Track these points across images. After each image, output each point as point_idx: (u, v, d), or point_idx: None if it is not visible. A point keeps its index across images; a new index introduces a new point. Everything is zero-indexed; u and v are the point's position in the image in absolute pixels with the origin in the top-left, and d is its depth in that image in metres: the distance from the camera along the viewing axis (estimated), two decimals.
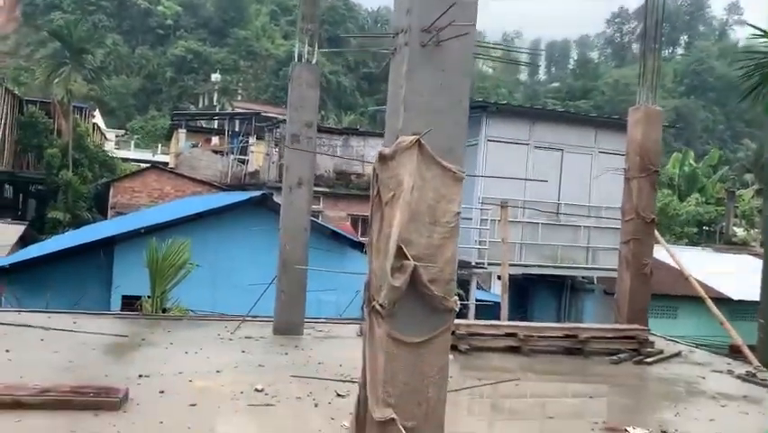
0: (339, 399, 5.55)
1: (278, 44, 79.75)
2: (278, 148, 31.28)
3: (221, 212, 12.88)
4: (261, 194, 13.39)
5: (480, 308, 13.42)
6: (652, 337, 8.91)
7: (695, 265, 12.84)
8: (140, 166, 37.77)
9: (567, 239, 14.22)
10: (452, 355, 6.22)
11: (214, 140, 40.86)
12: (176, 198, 29.85)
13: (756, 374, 7.77)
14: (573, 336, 8.44)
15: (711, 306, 9.44)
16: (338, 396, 5.62)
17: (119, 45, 74.34)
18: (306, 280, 8.39)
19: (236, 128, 38.02)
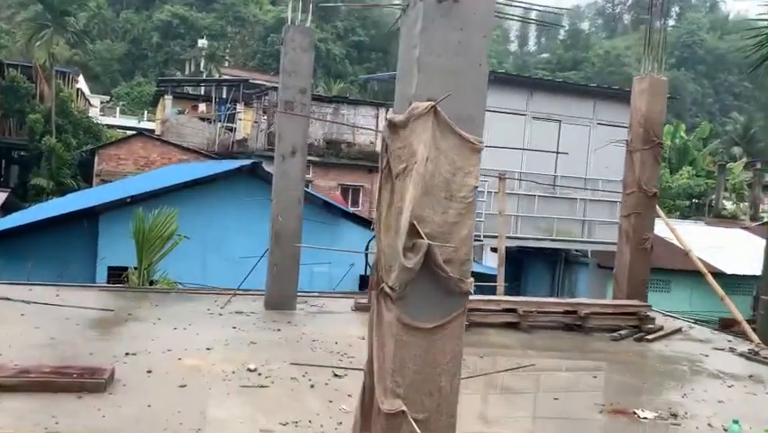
0: (336, 379, 5.31)
1: (266, 10, 78.10)
2: (266, 116, 30.72)
3: (210, 181, 12.46)
4: (252, 162, 12.99)
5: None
6: (651, 313, 8.74)
7: (688, 239, 12.67)
8: (125, 133, 37.04)
9: (563, 212, 13.99)
10: None
11: (202, 107, 40.03)
12: (162, 165, 29.32)
13: (759, 352, 7.63)
14: (573, 311, 8.25)
15: (711, 281, 9.27)
16: (335, 376, 5.37)
17: (103, 9, 72.40)
18: (300, 252, 8.10)
19: (224, 95, 37.29)
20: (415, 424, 3.04)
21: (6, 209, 21.61)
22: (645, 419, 4.97)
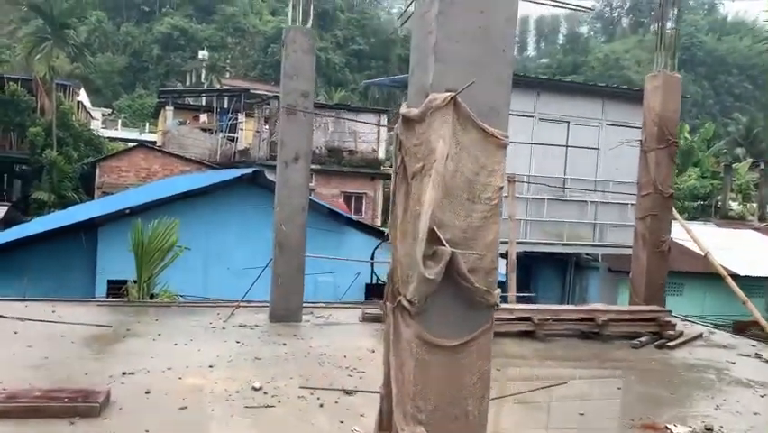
0: (347, 397, 4.98)
1: (266, 20, 78.22)
2: (267, 125, 30.51)
3: (211, 191, 12.17)
4: (253, 171, 12.70)
5: None
6: (670, 318, 8.40)
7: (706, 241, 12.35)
8: (127, 145, 36.84)
9: (573, 215, 13.65)
10: None
11: (203, 117, 39.85)
12: (164, 177, 29.13)
13: None
14: (590, 318, 7.92)
15: (732, 284, 8.94)
16: (346, 394, 5.05)
17: (103, 22, 72.58)
18: (305, 262, 7.79)
19: (225, 105, 37.10)
20: None
21: (7, 223, 21.39)
22: None
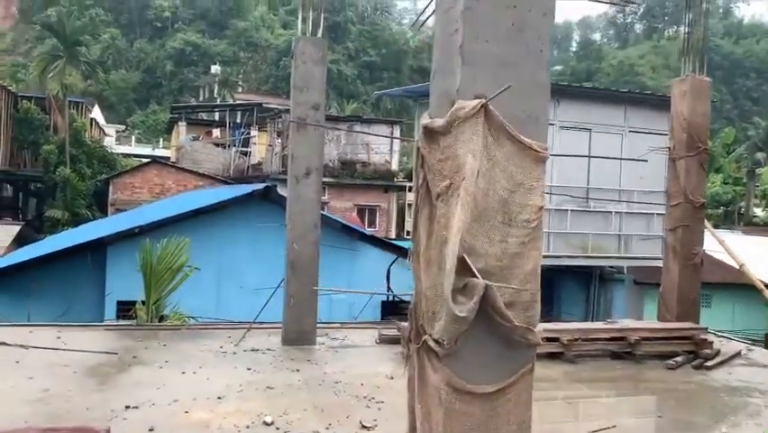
0: (364, 432, 4.60)
1: (277, 34, 78.52)
2: (280, 139, 30.35)
3: (221, 207, 11.88)
4: (265, 186, 12.41)
5: None
6: (706, 335, 7.92)
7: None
8: (140, 161, 36.87)
9: (598, 226, 13.18)
10: None
11: (216, 132, 39.88)
12: (178, 192, 29.03)
13: None
14: (621, 337, 7.47)
15: None
16: (363, 428, 4.67)
17: (117, 39, 73.26)
18: (318, 282, 7.42)
19: (237, 120, 37.07)
20: None
21: (21, 242, 21.29)
22: None
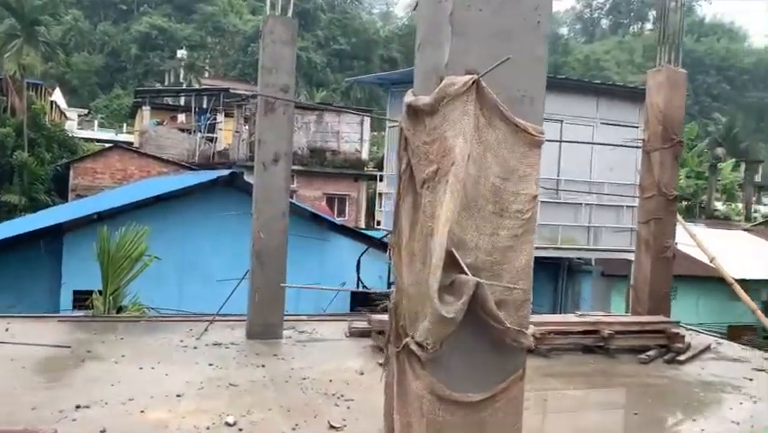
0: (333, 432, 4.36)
1: (246, 20, 77.18)
2: (247, 125, 29.78)
3: (185, 194, 11.45)
4: (230, 173, 12.01)
5: None
6: (677, 329, 7.87)
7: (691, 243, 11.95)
8: (103, 146, 35.84)
9: (567, 218, 13.11)
10: None
11: (181, 117, 39.00)
12: (141, 178, 28.31)
13: None
14: (594, 331, 7.35)
15: (741, 293, 8.43)
16: (332, 428, 4.43)
17: (79, 21, 71.06)
18: (285, 274, 7.13)
19: (203, 105, 36.30)
20: None
21: None
22: None
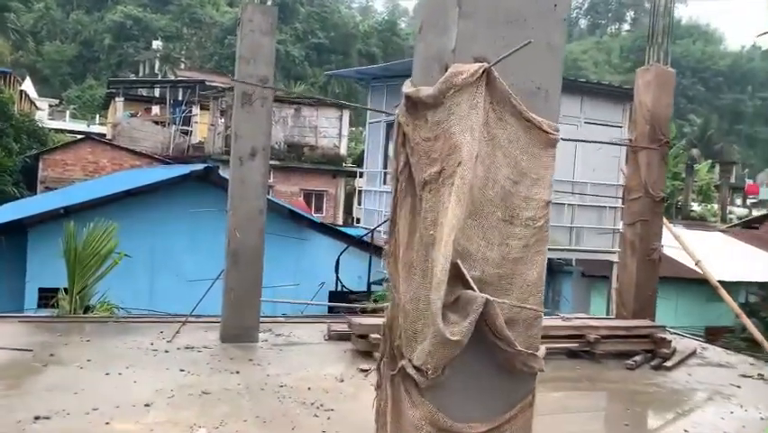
0: None
1: (223, 11, 76.28)
2: (223, 118, 29.27)
3: (156, 189, 11.03)
4: (205, 167, 11.62)
5: None
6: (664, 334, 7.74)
7: (671, 243, 11.94)
8: (75, 137, 35.00)
9: (550, 219, 12.93)
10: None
11: (155, 109, 38.26)
12: (113, 171, 27.69)
13: None
14: (580, 335, 7.18)
15: (726, 296, 8.38)
16: None
17: (51, 9, 69.46)
18: (262, 274, 6.83)
19: (179, 97, 35.62)
20: None
21: None
22: None
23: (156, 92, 40.08)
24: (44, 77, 64.40)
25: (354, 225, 21.10)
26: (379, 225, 13.49)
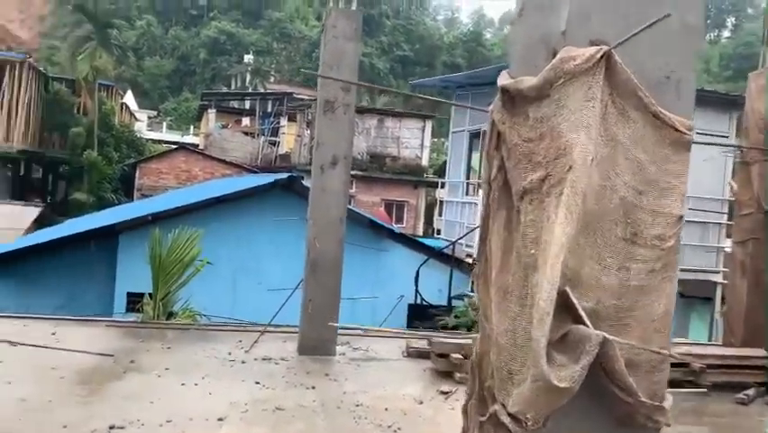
0: None
1: (311, 26, 78.16)
2: (309, 129, 29.75)
3: (241, 197, 11.15)
4: (288, 176, 11.65)
5: None
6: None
7: None
8: (170, 147, 36.67)
9: None
10: None
11: (245, 121, 39.57)
12: (204, 180, 28.71)
13: None
14: (684, 364, 6.54)
15: None
16: None
17: (153, 26, 73.54)
18: (341, 285, 6.64)
19: (268, 109, 36.67)
20: None
21: (41, 224, 20.97)
22: None
23: (246, 104, 41.42)
24: (144, 90, 68.15)
25: (435, 236, 20.79)
26: (460, 238, 13.12)
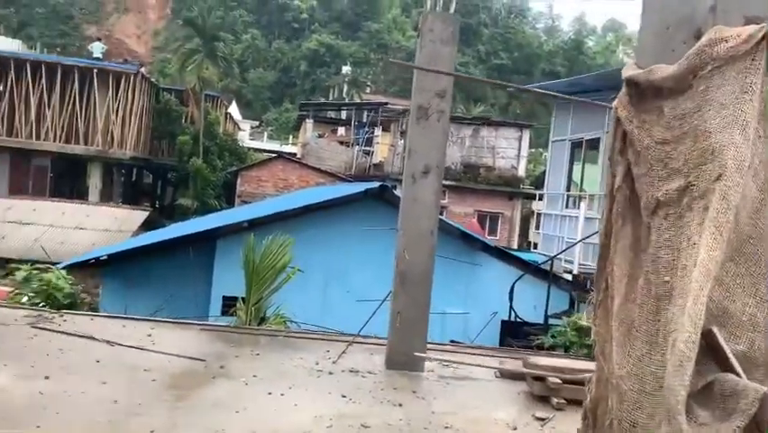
0: None
1: (408, 36, 78.84)
2: (403, 139, 29.81)
3: (333, 205, 11.18)
4: (380, 185, 11.58)
5: None
6: None
7: None
8: (270, 156, 37.94)
9: None
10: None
11: (341, 131, 40.31)
12: (300, 188, 29.40)
13: None
14: None
15: None
16: None
17: (257, 39, 76.72)
18: (430, 298, 6.41)
19: (362, 119, 37.15)
20: None
21: (149, 227, 22.16)
22: None
23: (342, 114, 42.19)
24: (248, 101, 71.16)
25: (530, 249, 20.11)
26: (560, 253, 12.55)
